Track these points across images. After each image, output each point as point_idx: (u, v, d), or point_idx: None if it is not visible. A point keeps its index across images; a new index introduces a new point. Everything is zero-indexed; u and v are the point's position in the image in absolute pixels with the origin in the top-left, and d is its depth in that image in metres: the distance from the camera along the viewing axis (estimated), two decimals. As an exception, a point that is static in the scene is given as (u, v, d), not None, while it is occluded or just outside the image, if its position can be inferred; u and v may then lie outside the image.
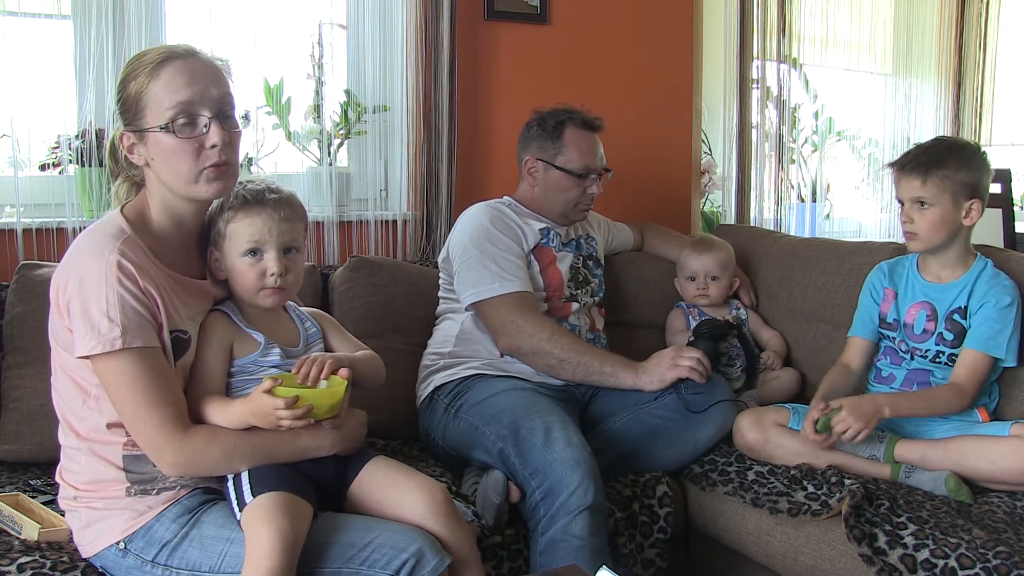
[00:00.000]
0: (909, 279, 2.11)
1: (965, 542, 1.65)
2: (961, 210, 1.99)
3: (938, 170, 1.98)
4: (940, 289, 2.06)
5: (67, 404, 1.52)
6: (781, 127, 3.60)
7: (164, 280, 1.47)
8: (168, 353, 1.46)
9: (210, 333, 1.54)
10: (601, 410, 2.22)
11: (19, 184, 2.23)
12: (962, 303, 2.02)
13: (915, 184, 2.00)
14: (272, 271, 1.55)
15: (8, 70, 2.22)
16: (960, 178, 1.98)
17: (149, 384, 1.41)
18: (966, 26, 4.28)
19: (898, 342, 2.10)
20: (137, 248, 1.45)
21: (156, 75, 1.46)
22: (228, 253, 1.57)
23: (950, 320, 2.02)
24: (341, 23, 2.69)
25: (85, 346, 1.39)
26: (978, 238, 2.19)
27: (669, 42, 3.17)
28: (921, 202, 2.00)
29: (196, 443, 1.45)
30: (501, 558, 1.84)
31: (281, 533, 1.37)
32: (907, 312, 2.08)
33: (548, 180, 2.35)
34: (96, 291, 1.39)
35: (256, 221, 1.55)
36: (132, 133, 1.49)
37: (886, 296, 2.14)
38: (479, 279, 2.19)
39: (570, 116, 2.35)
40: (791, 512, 1.87)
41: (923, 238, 2.02)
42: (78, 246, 1.47)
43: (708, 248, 2.53)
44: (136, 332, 1.40)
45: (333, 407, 1.50)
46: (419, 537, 1.45)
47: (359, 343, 1.72)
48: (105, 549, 1.49)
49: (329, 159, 2.63)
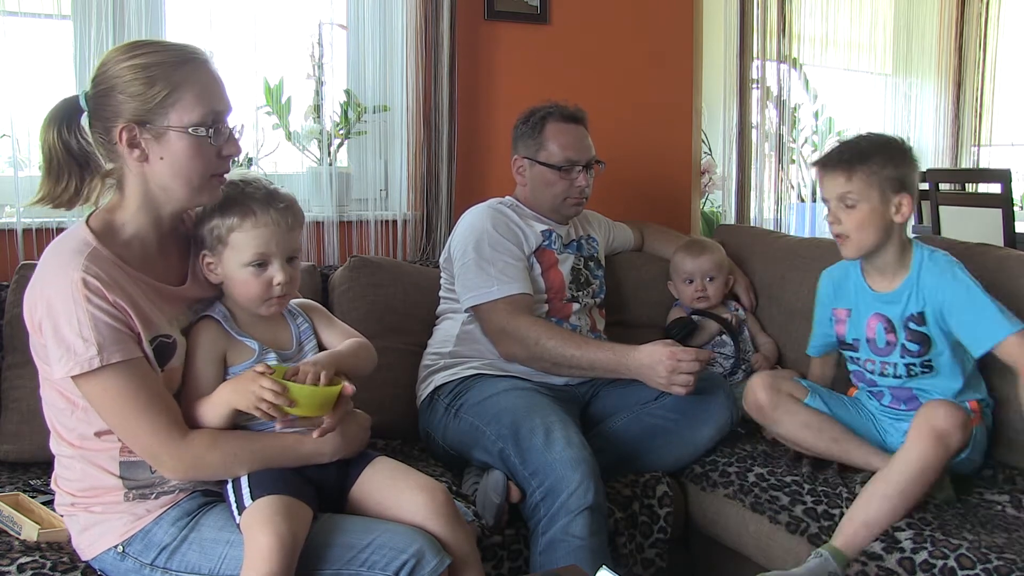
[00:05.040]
0: (857, 292, 2.02)
1: (967, 542, 1.65)
2: (891, 206, 1.89)
3: (863, 165, 1.88)
4: (888, 299, 1.95)
5: (55, 415, 1.50)
6: (781, 127, 3.61)
7: (137, 287, 1.43)
8: (152, 361, 1.43)
9: (202, 343, 1.51)
10: (601, 410, 2.22)
11: (19, 184, 2.23)
12: (915, 310, 1.92)
13: (839, 180, 1.90)
14: (278, 281, 1.52)
15: (8, 70, 2.22)
16: (887, 173, 1.88)
17: (137, 395, 1.39)
18: (966, 26, 4.29)
19: (863, 362, 2.01)
20: (103, 260, 1.40)
21: (189, 76, 1.43)
22: (228, 261, 1.53)
23: (908, 330, 1.93)
24: (341, 23, 2.69)
25: (63, 368, 1.37)
26: (978, 238, 2.19)
27: (669, 42, 3.16)
28: (847, 201, 1.90)
29: (195, 448, 1.44)
30: (501, 558, 1.84)
31: (280, 537, 1.36)
32: (866, 326, 1.99)
33: (534, 177, 2.35)
34: (65, 312, 1.36)
35: (264, 233, 1.51)
36: (142, 127, 1.41)
37: (838, 318, 2.06)
38: (478, 282, 2.19)
39: (550, 111, 2.35)
40: (789, 528, 1.88)
41: (853, 240, 1.91)
42: (43, 265, 1.43)
43: (703, 250, 2.53)
44: (113, 347, 1.37)
45: (323, 407, 1.48)
46: (419, 538, 1.45)
47: (349, 330, 1.69)
48: (104, 552, 1.48)
49: (329, 159, 2.63)
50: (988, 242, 2.42)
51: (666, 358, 2.00)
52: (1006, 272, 2.07)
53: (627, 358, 2.07)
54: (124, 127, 1.41)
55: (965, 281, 1.88)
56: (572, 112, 2.37)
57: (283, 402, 1.43)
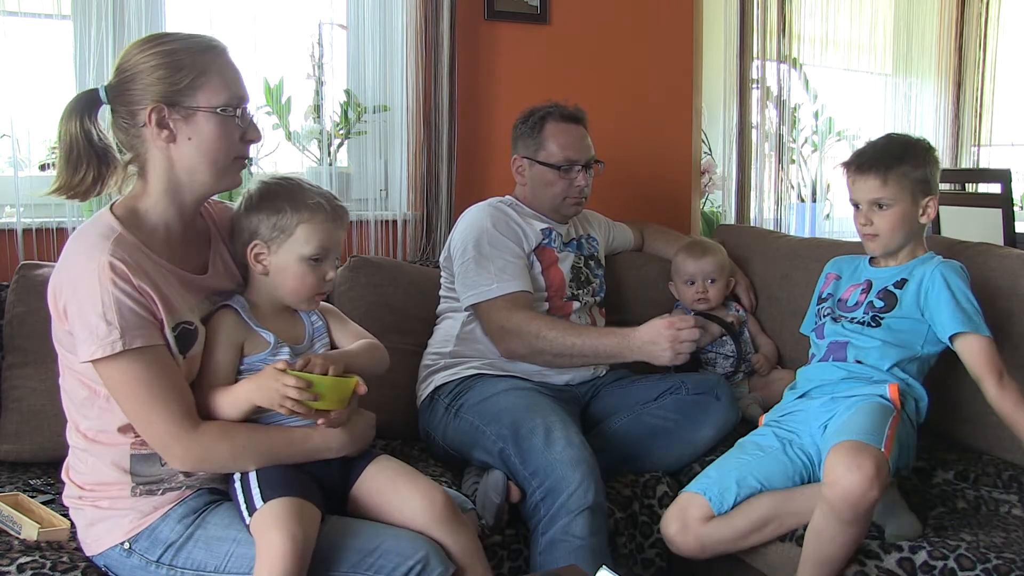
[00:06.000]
0: (857, 268, 2.08)
1: (966, 543, 1.65)
2: (919, 208, 1.94)
3: (898, 168, 1.92)
4: (882, 272, 2.01)
5: (75, 405, 1.51)
6: (781, 127, 3.60)
7: (161, 274, 1.45)
8: (173, 349, 1.44)
9: (221, 331, 1.53)
10: (601, 410, 2.22)
11: (19, 184, 2.23)
12: (900, 276, 1.96)
13: (875, 184, 1.93)
14: (330, 277, 1.58)
15: (8, 70, 2.22)
16: (918, 175, 1.92)
17: (153, 382, 1.40)
18: (966, 26, 4.28)
19: (825, 311, 2.05)
20: (129, 245, 1.42)
21: (214, 61, 1.47)
22: (287, 252, 1.55)
23: (884, 291, 1.96)
24: (341, 23, 2.69)
25: (86, 351, 1.38)
26: (978, 238, 2.18)
27: (669, 42, 3.16)
28: (880, 203, 1.94)
29: (205, 440, 1.45)
30: (501, 558, 1.84)
31: (294, 539, 1.37)
32: (845, 291, 2.05)
33: (534, 176, 2.35)
34: (90, 295, 1.38)
35: (329, 228, 1.56)
36: (171, 107, 1.44)
37: (828, 279, 2.12)
38: (477, 280, 2.19)
39: (549, 111, 2.36)
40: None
41: (883, 239, 1.96)
42: (70, 250, 1.45)
43: (705, 251, 2.53)
44: (135, 332, 1.39)
45: (342, 400, 1.51)
46: (424, 545, 1.46)
47: (361, 331, 1.71)
48: (109, 548, 1.49)
49: (329, 159, 2.63)
50: (988, 242, 2.41)
51: (665, 328, 2.00)
52: (1006, 272, 2.07)
53: (629, 339, 2.06)
54: (153, 107, 1.44)
55: (960, 281, 1.90)
56: (572, 112, 2.37)
57: (308, 397, 1.45)
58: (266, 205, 1.56)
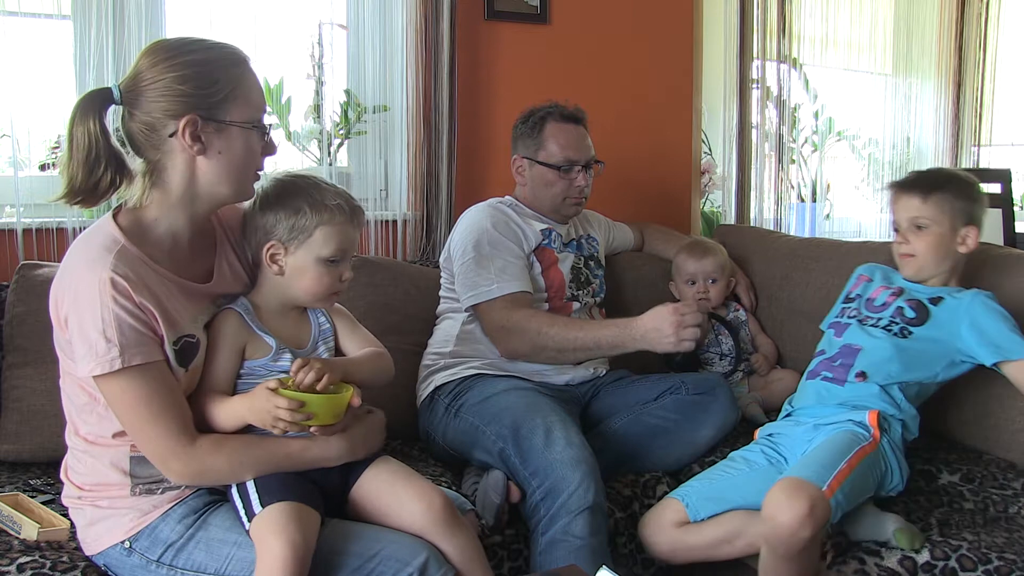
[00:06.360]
0: (890, 276, 2.08)
1: (967, 543, 1.65)
2: (958, 235, 1.96)
3: (938, 191, 1.96)
4: (917, 285, 2.01)
5: (75, 408, 1.51)
6: (781, 127, 3.60)
7: (164, 286, 1.44)
8: (173, 363, 1.43)
9: (223, 333, 1.52)
10: (601, 410, 2.22)
11: (19, 184, 2.23)
12: (936, 294, 1.96)
13: (915, 203, 1.97)
14: (347, 278, 1.58)
15: (8, 70, 2.22)
16: (959, 204, 1.96)
17: (152, 399, 1.40)
18: (966, 26, 4.28)
19: (851, 312, 2.05)
20: (132, 258, 1.40)
21: (245, 74, 1.47)
22: (304, 253, 1.53)
23: (917, 302, 1.96)
24: (341, 23, 2.69)
25: (86, 367, 1.38)
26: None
27: (669, 42, 3.17)
28: (919, 223, 1.96)
29: (203, 454, 1.44)
30: (501, 558, 1.84)
31: (293, 544, 1.36)
32: (874, 291, 2.06)
33: (534, 176, 2.35)
34: (91, 309, 1.36)
35: (348, 230, 1.56)
36: (205, 121, 1.42)
37: (858, 281, 2.12)
38: (477, 281, 2.19)
39: (550, 111, 2.36)
40: None
41: (919, 260, 1.98)
42: (72, 258, 1.43)
43: (706, 252, 2.53)
44: (135, 349, 1.37)
45: (336, 415, 1.49)
46: (423, 550, 1.45)
47: (370, 338, 1.68)
48: (109, 548, 1.48)
49: (329, 159, 2.63)
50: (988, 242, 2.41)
51: (669, 314, 1.98)
52: (1006, 272, 2.07)
53: (631, 328, 2.05)
54: (188, 120, 1.41)
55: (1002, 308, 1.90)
56: (572, 112, 2.37)
57: (300, 418, 1.44)
58: (283, 204, 1.54)
